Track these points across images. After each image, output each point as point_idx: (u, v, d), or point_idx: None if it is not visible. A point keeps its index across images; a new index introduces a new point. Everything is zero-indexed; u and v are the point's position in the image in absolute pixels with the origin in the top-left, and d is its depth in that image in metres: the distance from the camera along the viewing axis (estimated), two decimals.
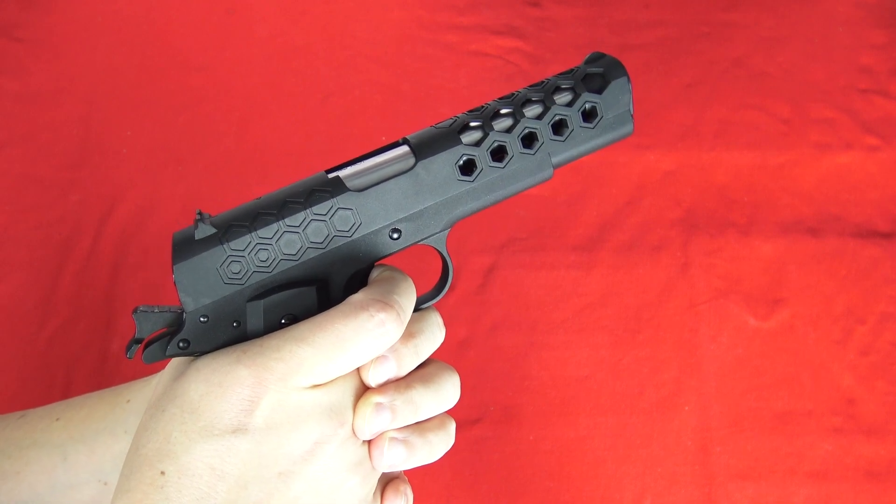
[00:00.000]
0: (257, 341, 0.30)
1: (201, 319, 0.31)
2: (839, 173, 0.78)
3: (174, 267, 0.30)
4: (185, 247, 0.30)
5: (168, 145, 0.79)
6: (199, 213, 0.31)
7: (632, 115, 0.35)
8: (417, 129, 0.36)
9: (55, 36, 0.84)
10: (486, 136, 0.33)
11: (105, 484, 0.37)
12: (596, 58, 0.36)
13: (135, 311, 0.31)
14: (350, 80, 0.83)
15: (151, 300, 0.72)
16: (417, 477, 0.67)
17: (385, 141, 0.36)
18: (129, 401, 0.38)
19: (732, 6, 0.86)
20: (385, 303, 0.32)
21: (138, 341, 0.31)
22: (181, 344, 0.31)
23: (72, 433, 0.38)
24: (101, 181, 0.77)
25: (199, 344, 0.31)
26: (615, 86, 0.34)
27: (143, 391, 0.39)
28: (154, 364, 0.32)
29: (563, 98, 0.34)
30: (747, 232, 0.75)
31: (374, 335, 0.31)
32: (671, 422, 0.69)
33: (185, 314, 0.31)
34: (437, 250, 0.36)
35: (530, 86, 0.35)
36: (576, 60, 0.83)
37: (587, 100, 0.34)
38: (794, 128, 0.80)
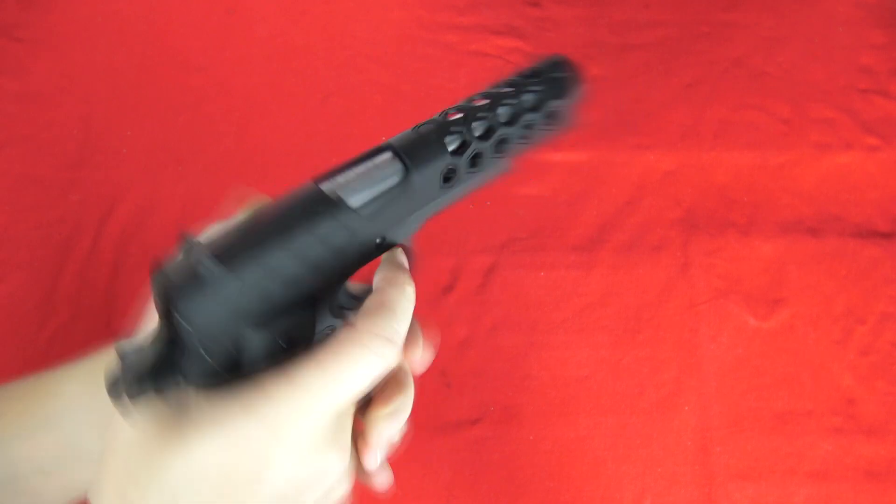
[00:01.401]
0: (260, 390, 0.28)
1: (199, 350, 0.28)
2: (839, 173, 0.78)
3: (179, 304, 0.27)
4: (191, 283, 0.28)
5: (168, 145, 0.79)
6: (187, 240, 0.29)
7: (578, 106, 0.36)
8: None
9: (55, 36, 0.84)
10: (466, 144, 0.33)
11: (47, 475, 0.36)
12: (555, 62, 0.37)
13: (117, 347, 0.29)
14: (350, 80, 0.82)
15: None
16: (417, 477, 0.67)
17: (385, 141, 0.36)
18: (60, 394, 0.37)
19: (732, 6, 0.86)
20: (387, 339, 0.31)
21: (119, 381, 0.28)
22: (168, 378, 0.28)
23: (9, 429, 0.37)
24: (101, 181, 0.77)
25: (193, 378, 0.29)
26: (574, 91, 0.36)
27: (73, 385, 0.37)
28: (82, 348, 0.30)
29: (529, 99, 0.35)
30: (747, 232, 0.75)
31: (376, 369, 0.30)
32: (671, 422, 0.69)
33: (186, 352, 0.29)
34: (406, 247, 0.35)
35: (500, 85, 0.36)
36: (576, 60, 0.83)
37: (550, 105, 0.35)
38: (794, 128, 0.80)
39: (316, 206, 0.30)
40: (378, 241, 0.33)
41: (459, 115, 0.34)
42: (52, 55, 0.83)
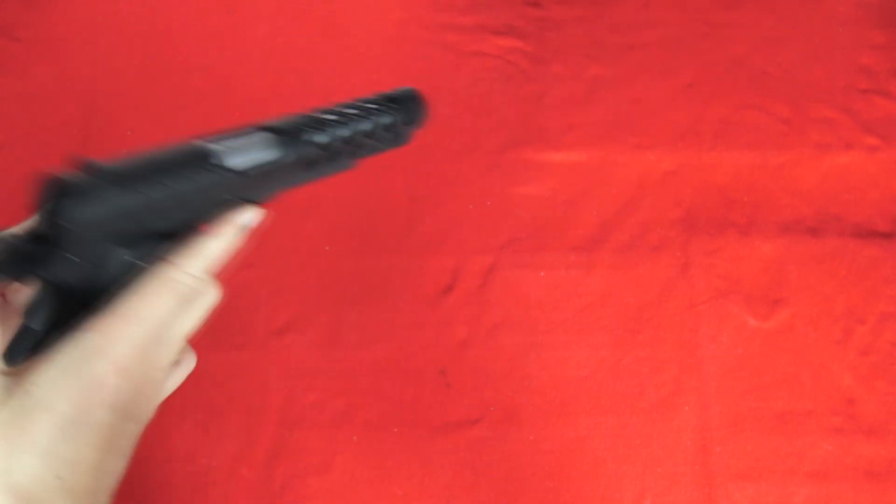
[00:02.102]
0: (95, 330, 0.33)
1: (66, 256, 0.33)
2: (839, 173, 0.78)
3: (49, 205, 0.32)
4: (64, 192, 0.33)
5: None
6: (80, 160, 0.33)
7: (415, 131, 0.45)
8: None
9: (55, 36, 0.84)
10: (331, 143, 0.41)
11: None
12: (412, 93, 0.45)
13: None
14: (350, 80, 0.82)
15: None
16: (417, 477, 0.67)
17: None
18: None
19: (732, 6, 0.86)
20: (193, 276, 0.36)
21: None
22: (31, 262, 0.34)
23: None
24: None
25: (49, 271, 0.33)
26: (417, 112, 0.45)
27: None
28: None
29: (381, 118, 0.43)
30: (747, 232, 0.75)
31: (182, 300, 0.36)
32: (671, 422, 0.69)
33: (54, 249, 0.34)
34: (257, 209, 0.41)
35: (361, 101, 0.43)
36: (576, 60, 0.83)
37: (397, 121, 0.44)
38: (794, 128, 0.80)
39: (203, 160, 0.36)
40: (241, 200, 0.39)
41: (332, 118, 0.41)
42: (52, 55, 0.83)
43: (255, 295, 0.73)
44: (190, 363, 0.40)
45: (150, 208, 0.34)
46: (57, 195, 0.32)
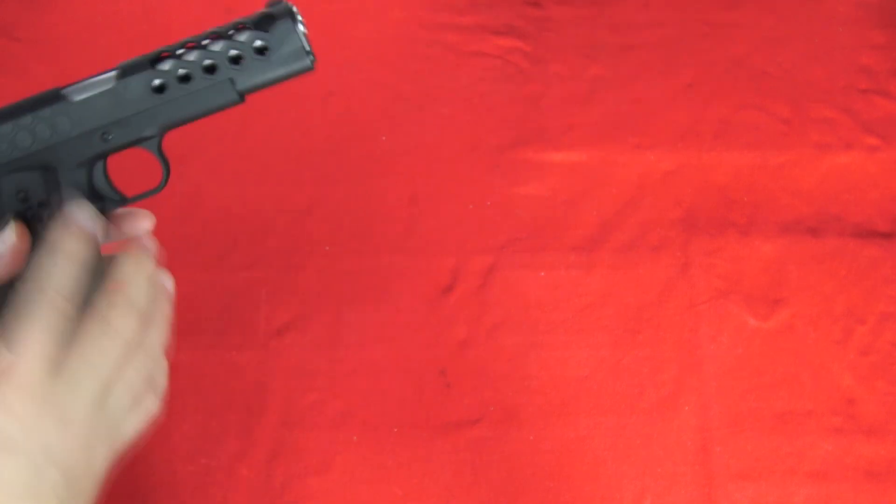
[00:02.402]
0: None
1: None
2: (839, 173, 0.78)
3: None
4: None
5: (167, 145, 0.79)
6: None
7: (307, 51, 0.43)
8: (418, 128, 0.43)
9: (55, 36, 0.84)
10: (175, 66, 0.42)
11: None
12: (275, 5, 0.43)
13: None
14: (350, 80, 0.82)
15: None
16: (417, 477, 0.67)
17: (385, 141, 0.41)
18: None
19: (732, 6, 0.86)
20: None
21: None
22: None
23: None
24: None
25: None
26: (281, 26, 0.42)
27: None
28: None
29: (240, 37, 0.42)
30: (747, 232, 0.75)
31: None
32: (671, 422, 0.69)
33: None
34: (153, 153, 0.44)
35: (217, 28, 0.43)
36: (576, 60, 0.83)
37: (256, 37, 0.42)
38: (794, 128, 0.80)
39: (46, 96, 0.42)
40: (103, 133, 0.42)
41: (181, 44, 0.42)
42: (52, 55, 0.83)
43: (255, 295, 0.73)
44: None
45: (5, 139, 0.40)
46: None
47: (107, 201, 0.43)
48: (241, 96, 0.43)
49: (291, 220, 0.76)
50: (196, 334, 0.71)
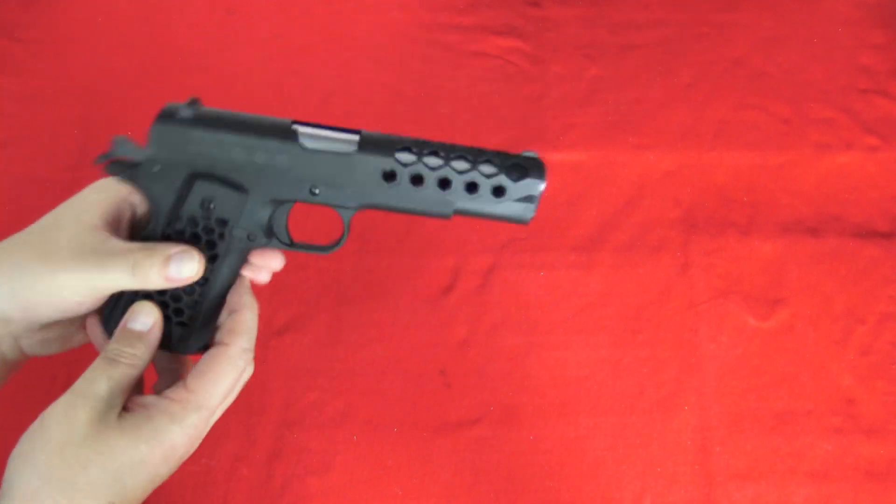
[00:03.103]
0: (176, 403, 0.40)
1: (154, 168, 0.41)
2: (839, 173, 0.78)
3: (155, 123, 0.42)
4: (167, 116, 0.42)
5: None
6: (192, 99, 0.42)
7: (534, 209, 0.42)
8: (418, 128, 0.42)
9: (55, 36, 0.84)
10: (414, 163, 0.41)
11: None
12: (531, 157, 0.43)
13: (115, 137, 0.42)
14: (350, 80, 0.83)
15: None
16: (417, 477, 0.67)
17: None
18: None
19: (732, 6, 0.86)
20: (249, 350, 0.43)
21: (106, 156, 0.42)
22: (135, 170, 0.42)
23: None
24: None
25: (144, 181, 0.41)
26: (528, 182, 0.42)
27: None
28: None
29: (486, 170, 0.42)
30: (747, 232, 0.75)
31: (242, 375, 0.43)
32: (671, 422, 0.69)
33: (145, 158, 0.42)
34: (343, 219, 0.44)
35: (473, 148, 0.43)
36: (576, 60, 0.83)
37: (501, 181, 0.42)
38: (794, 128, 0.80)
39: (280, 128, 0.42)
40: (310, 186, 0.42)
41: (430, 147, 0.42)
42: (52, 55, 0.83)
43: (255, 295, 0.73)
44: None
45: (222, 148, 0.41)
46: (159, 116, 0.42)
47: (275, 241, 0.44)
48: (451, 216, 0.43)
49: (291, 221, 0.76)
50: None
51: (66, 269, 0.38)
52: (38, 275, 0.38)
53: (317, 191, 0.42)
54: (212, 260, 0.42)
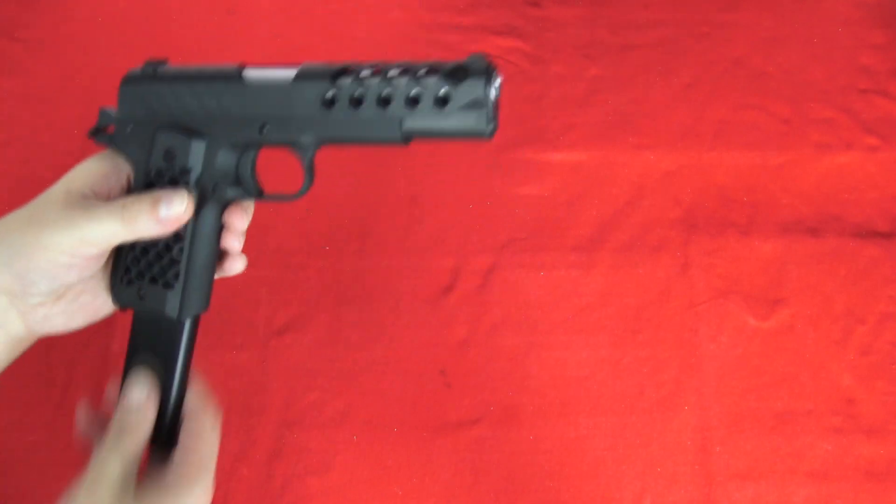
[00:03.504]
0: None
1: (127, 129, 0.44)
2: (839, 173, 0.78)
3: (120, 87, 0.44)
4: (131, 79, 0.44)
5: None
6: (148, 60, 0.45)
7: (489, 118, 0.38)
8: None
9: (55, 36, 0.84)
10: (350, 85, 0.40)
11: None
12: (477, 58, 0.39)
13: (101, 108, 0.45)
14: None
15: None
16: (417, 477, 0.67)
17: None
18: None
19: (732, 6, 0.86)
20: (210, 471, 0.41)
21: (95, 128, 0.44)
22: (113, 135, 0.44)
23: None
24: None
25: (121, 144, 0.44)
26: (472, 82, 0.38)
27: None
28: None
29: (426, 80, 0.39)
30: (747, 232, 0.75)
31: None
32: (671, 422, 0.69)
33: (117, 121, 0.44)
34: (302, 161, 0.43)
35: (410, 62, 0.40)
36: (576, 60, 0.83)
37: (441, 86, 0.38)
38: (794, 128, 0.80)
39: (226, 72, 0.43)
40: (262, 124, 0.42)
41: (368, 67, 0.41)
42: (52, 55, 0.83)
43: (255, 295, 0.73)
44: None
45: (177, 98, 0.43)
46: (122, 80, 0.44)
47: (244, 190, 0.44)
48: (406, 139, 0.40)
49: (291, 220, 0.76)
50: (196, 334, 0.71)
51: (51, 227, 0.38)
52: (25, 240, 0.38)
53: (266, 129, 0.42)
54: None
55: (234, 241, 0.45)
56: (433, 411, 0.69)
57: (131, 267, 0.42)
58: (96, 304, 0.42)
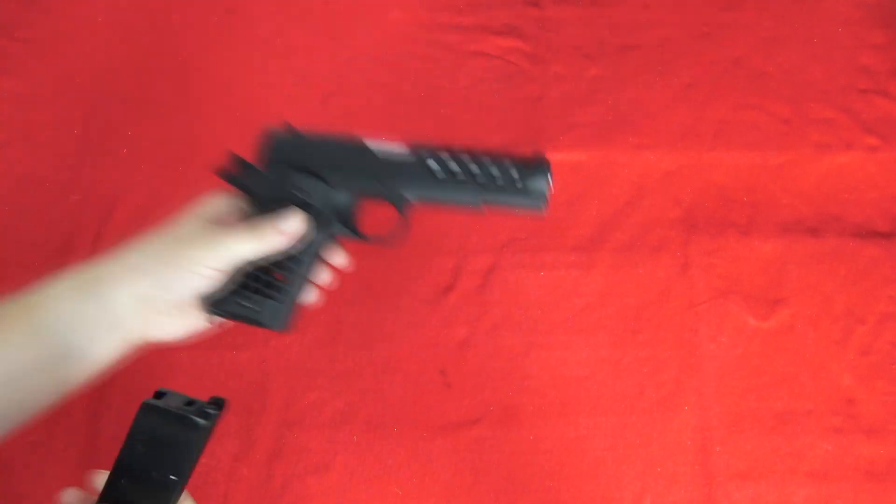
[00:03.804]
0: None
1: (260, 170, 0.51)
2: (839, 173, 0.78)
3: (261, 140, 0.52)
4: (272, 135, 0.52)
5: (168, 145, 0.79)
6: (286, 123, 0.52)
7: (545, 200, 0.50)
8: (418, 128, 0.45)
9: (55, 36, 0.84)
10: (447, 161, 0.50)
11: (42, 371, 0.43)
12: (540, 157, 0.51)
13: (231, 152, 0.52)
14: (350, 80, 0.83)
15: None
16: (416, 476, 0.67)
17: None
18: (43, 306, 0.43)
19: (732, 6, 0.86)
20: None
21: (223, 170, 0.52)
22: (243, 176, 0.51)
23: None
24: (101, 181, 0.77)
25: (245, 179, 0.51)
26: (538, 172, 0.50)
27: (60, 291, 0.44)
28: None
29: (504, 166, 0.51)
30: (747, 232, 0.75)
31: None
32: (671, 422, 0.69)
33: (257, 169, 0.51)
34: (400, 213, 0.51)
35: (490, 150, 0.51)
36: (576, 60, 0.83)
37: (515, 172, 0.50)
38: (794, 128, 0.80)
39: (352, 138, 0.51)
40: (376, 178, 0.50)
41: (458, 150, 0.51)
42: (52, 55, 0.83)
43: None
44: None
45: (313, 151, 0.51)
46: (264, 139, 0.52)
47: (348, 228, 0.51)
48: (481, 206, 0.50)
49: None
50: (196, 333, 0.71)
51: (197, 244, 0.45)
52: (173, 253, 0.44)
53: (378, 182, 0.50)
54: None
55: (324, 272, 0.52)
56: (433, 411, 0.69)
57: (248, 282, 0.48)
58: (199, 320, 0.48)
